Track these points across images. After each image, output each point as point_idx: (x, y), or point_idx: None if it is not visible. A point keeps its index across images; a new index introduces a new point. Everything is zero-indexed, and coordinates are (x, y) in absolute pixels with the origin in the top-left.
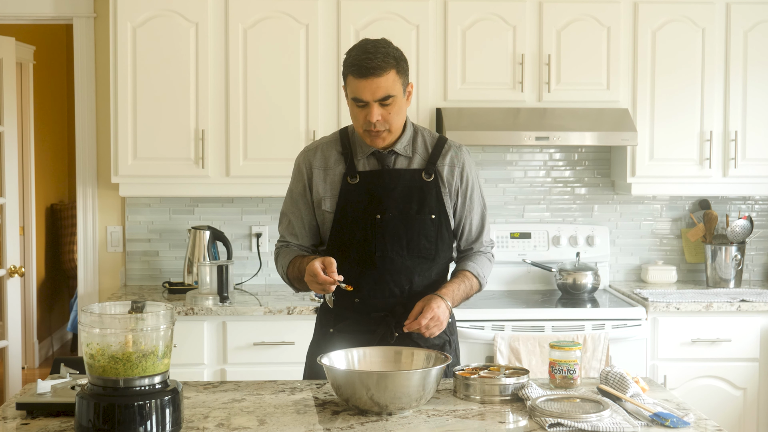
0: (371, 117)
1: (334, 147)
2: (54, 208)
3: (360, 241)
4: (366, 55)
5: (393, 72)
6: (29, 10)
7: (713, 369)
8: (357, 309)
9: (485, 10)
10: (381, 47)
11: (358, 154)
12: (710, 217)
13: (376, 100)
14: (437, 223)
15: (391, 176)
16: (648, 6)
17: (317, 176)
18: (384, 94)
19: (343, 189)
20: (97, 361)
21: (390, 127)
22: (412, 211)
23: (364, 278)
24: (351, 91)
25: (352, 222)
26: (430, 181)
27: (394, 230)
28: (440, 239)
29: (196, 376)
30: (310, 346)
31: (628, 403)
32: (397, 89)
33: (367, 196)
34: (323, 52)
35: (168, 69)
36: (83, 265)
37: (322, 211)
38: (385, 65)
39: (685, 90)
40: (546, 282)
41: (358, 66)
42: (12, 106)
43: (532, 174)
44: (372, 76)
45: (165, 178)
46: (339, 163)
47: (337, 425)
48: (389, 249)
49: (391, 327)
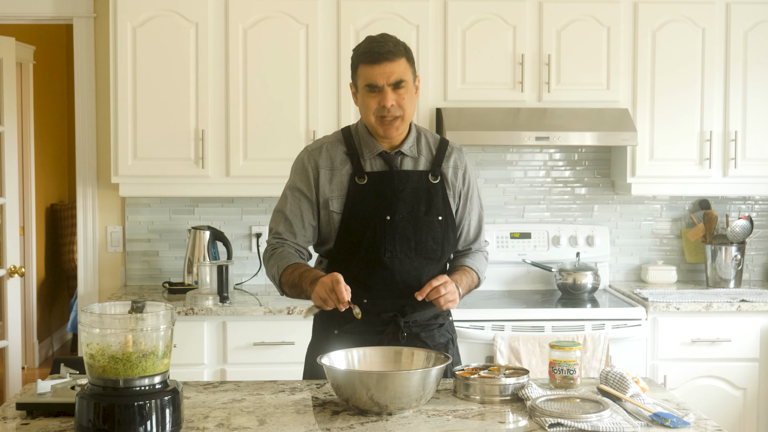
0: (386, 101)
1: (339, 147)
2: (54, 208)
3: (369, 241)
4: (377, 44)
5: (404, 59)
6: (29, 10)
7: (713, 369)
8: (365, 310)
9: (485, 10)
10: (390, 37)
11: (365, 154)
12: (710, 217)
13: (390, 84)
14: (444, 224)
15: (400, 177)
16: (648, 6)
17: (324, 176)
18: (397, 78)
19: (351, 190)
20: (97, 361)
21: (404, 114)
22: (420, 213)
23: (373, 278)
24: (364, 78)
25: (361, 223)
26: (436, 183)
27: (403, 231)
28: (446, 240)
29: (196, 376)
30: (310, 347)
31: (628, 403)
32: (409, 76)
33: (376, 197)
34: (323, 52)
35: (168, 69)
36: (83, 265)
37: (328, 212)
38: (397, 51)
39: (685, 90)
40: (546, 282)
41: (371, 52)
42: (12, 106)
43: (532, 174)
44: (385, 61)
45: (165, 178)
46: (345, 164)
47: (337, 425)
48: (398, 250)
49: (401, 326)
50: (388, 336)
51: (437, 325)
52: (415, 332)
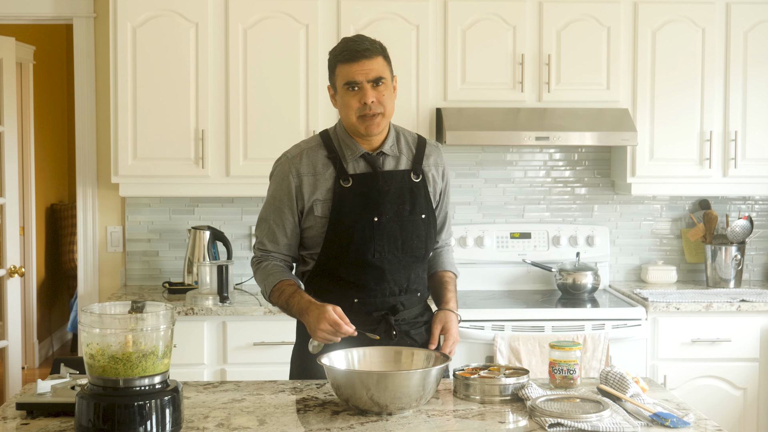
0: (366, 98)
1: (319, 151)
2: (54, 208)
3: (357, 243)
4: (353, 42)
5: (381, 57)
6: (29, 10)
7: (713, 369)
8: (356, 309)
9: (485, 10)
10: (365, 37)
11: (347, 156)
12: (710, 217)
13: (369, 80)
14: (427, 222)
15: (384, 178)
16: (648, 6)
17: (307, 183)
18: (376, 75)
19: (336, 193)
20: (97, 361)
21: (384, 110)
22: (405, 213)
23: (363, 279)
24: (343, 77)
25: (349, 225)
26: (418, 181)
27: (390, 232)
28: (429, 238)
29: (196, 376)
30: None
31: (628, 403)
32: (387, 74)
33: (362, 198)
34: (323, 52)
35: (168, 69)
36: (83, 265)
37: (313, 217)
38: (374, 49)
39: (685, 90)
40: (546, 282)
41: (349, 50)
42: (12, 106)
43: (532, 174)
44: (363, 59)
45: (165, 178)
46: (327, 167)
47: (337, 425)
48: (386, 250)
49: (392, 324)
50: (380, 334)
51: (422, 323)
52: (404, 330)
